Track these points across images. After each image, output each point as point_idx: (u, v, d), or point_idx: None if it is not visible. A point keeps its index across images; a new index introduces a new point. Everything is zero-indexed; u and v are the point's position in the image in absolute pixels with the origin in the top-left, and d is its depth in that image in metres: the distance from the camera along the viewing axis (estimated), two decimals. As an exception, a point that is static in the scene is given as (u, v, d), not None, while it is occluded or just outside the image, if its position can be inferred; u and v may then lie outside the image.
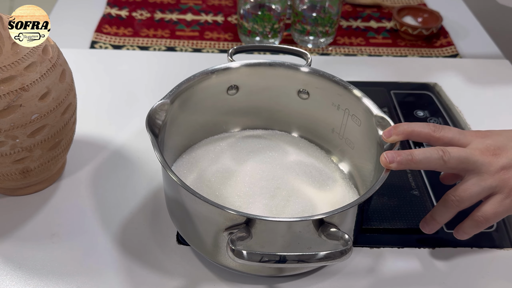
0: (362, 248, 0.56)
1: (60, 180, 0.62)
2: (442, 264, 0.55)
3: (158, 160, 0.47)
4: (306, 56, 0.60)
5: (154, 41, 0.96)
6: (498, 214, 0.50)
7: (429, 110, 0.77)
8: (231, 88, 0.60)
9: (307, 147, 0.63)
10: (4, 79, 0.48)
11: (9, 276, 0.51)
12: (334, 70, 0.62)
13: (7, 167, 0.53)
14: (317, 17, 0.90)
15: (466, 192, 0.49)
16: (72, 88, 0.57)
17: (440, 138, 0.51)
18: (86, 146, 0.67)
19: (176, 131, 0.57)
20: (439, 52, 0.97)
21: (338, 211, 0.44)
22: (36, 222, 0.57)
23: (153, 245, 0.55)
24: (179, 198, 0.48)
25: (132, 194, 0.61)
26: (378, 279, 0.53)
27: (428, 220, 0.53)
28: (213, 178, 0.55)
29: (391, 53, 0.96)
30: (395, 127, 0.51)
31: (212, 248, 0.49)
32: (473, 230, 0.51)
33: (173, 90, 0.54)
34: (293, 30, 0.95)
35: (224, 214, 0.44)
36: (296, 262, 0.42)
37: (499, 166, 0.49)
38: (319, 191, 0.57)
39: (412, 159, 0.48)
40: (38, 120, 0.51)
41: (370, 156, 0.55)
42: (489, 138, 0.51)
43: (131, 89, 0.79)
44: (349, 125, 0.59)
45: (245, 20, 0.91)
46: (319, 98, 0.60)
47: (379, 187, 0.47)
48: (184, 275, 0.52)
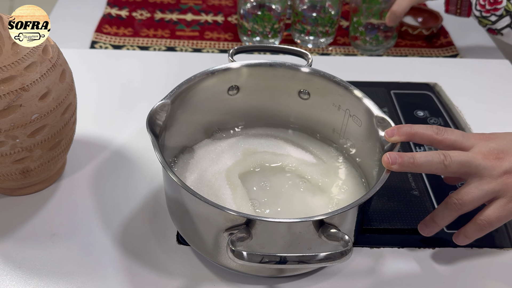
0: (362, 248, 0.56)
1: (60, 180, 0.62)
2: (442, 264, 0.55)
3: (159, 161, 0.46)
4: (307, 56, 0.60)
5: (154, 41, 0.96)
6: (502, 218, 0.50)
7: (429, 110, 0.77)
8: (232, 89, 0.60)
9: (307, 148, 0.63)
10: (4, 79, 0.48)
11: (9, 276, 0.51)
12: (334, 70, 0.62)
13: (7, 167, 0.53)
14: (317, 17, 0.90)
15: (468, 195, 0.49)
16: (72, 88, 0.57)
17: (442, 141, 0.51)
18: (86, 146, 0.67)
19: (176, 131, 0.57)
20: (439, 52, 0.97)
21: (338, 212, 0.44)
22: (36, 222, 0.57)
23: (153, 245, 0.55)
24: (180, 199, 0.48)
25: (132, 194, 0.61)
26: (378, 279, 0.53)
27: (428, 223, 0.53)
28: (214, 178, 0.55)
29: (391, 53, 0.96)
30: (398, 127, 0.51)
31: (212, 249, 0.49)
32: (476, 234, 0.51)
33: (173, 91, 0.54)
34: (293, 30, 0.95)
35: (224, 215, 0.44)
36: (296, 263, 0.42)
37: (503, 170, 0.49)
38: (319, 191, 0.57)
39: (414, 162, 0.48)
40: (38, 120, 0.51)
41: (371, 157, 0.55)
42: (493, 141, 0.51)
43: (131, 89, 0.79)
44: (350, 125, 0.59)
45: (245, 20, 0.91)
46: (320, 98, 0.60)
47: (380, 187, 0.47)
48: (184, 275, 0.52)
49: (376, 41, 0.91)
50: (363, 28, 0.90)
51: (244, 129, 0.65)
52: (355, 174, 0.59)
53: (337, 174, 0.59)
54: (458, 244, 0.53)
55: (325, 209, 0.54)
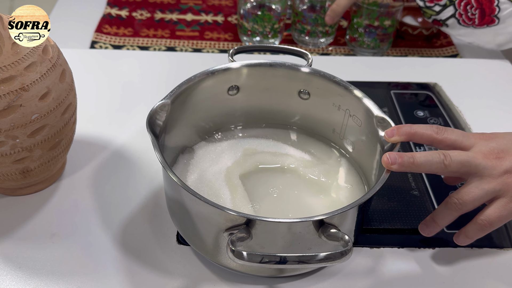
0: (362, 248, 0.56)
1: (60, 180, 0.62)
2: (442, 264, 0.55)
3: (159, 161, 0.46)
4: (307, 56, 0.60)
5: (154, 41, 0.96)
6: (502, 218, 0.50)
7: (429, 110, 0.77)
8: (232, 89, 0.60)
9: (307, 148, 0.63)
10: (4, 79, 0.48)
11: (9, 276, 0.51)
12: (334, 70, 0.62)
13: (7, 167, 0.53)
14: (317, 17, 0.90)
15: (469, 195, 0.49)
16: (72, 88, 0.57)
17: (442, 140, 0.50)
18: (86, 146, 0.67)
19: (176, 131, 0.57)
20: (439, 52, 0.97)
21: (338, 212, 0.44)
22: (36, 222, 0.57)
23: (153, 245, 0.55)
24: (180, 199, 0.48)
25: (132, 194, 0.61)
26: (378, 279, 0.53)
27: (428, 223, 0.53)
28: (214, 178, 0.55)
29: (391, 53, 0.96)
30: (398, 127, 0.51)
31: (212, 249, 0.49)
32: (477, 234, 0.51)
33: (173, 91, 0.54)
34: (293, 30, 0.95)
35: (224, 215, 0.44)
36: (296, 263, 0.42)
37: (503, 169, 0.49)
38: (320, 191, 0.57)
39: (414, 162, 0.48)
40: (38, 120, 0.51)
41: (371, 157, 0.55)
42: (493, 141, 0.51)
43: (131, 89, 0.79)
44: (350, 125, 0.59)
45: (245, 20, 0.91)
46: (320, 98, 0.60)
47: (380, 187, 0.47)
48: (184, 275, 0.52)
49: (374, 44, 0.91)
50: (362, 29, 0.90)
51: (244, 129, 0.65)
52: (355, 174, 0.59)
53: (337, 174, 0.60)
54: (458, 244, 0.53)
55: (325, 209, 0.54)
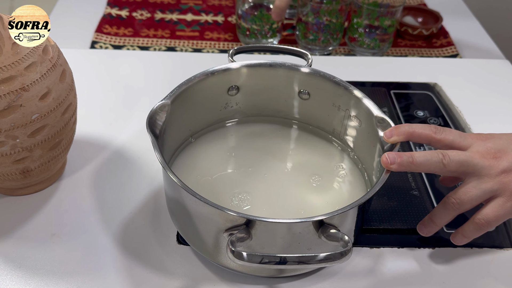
0: (362, 248, 0.56)
1: (60, 180, 0.62)
2: (442, 264, 0.55)
3: (159, 161, 0.47)
4: (307, 56, 0.60)
5: (154, 41, 0.96)
6: (500, 217, 0.50)
7: (429, 110, 0.77)
8: (232, 89, 0.60)
9: (307, 148, 0.63)
10: (4, 79, 0.48)
11: (9, 276, 0.51)
12: (334, 70, 0.62)
13: (7, 167, 0.53)
14: (327, 26, 0.89)
15: (466, 195, 0.49)
16: (72, 88, 0.57)
17: (440, 140, 0.51)
18: (86, 146, 0.67)
19: (176, 131, 0.57)
20: (439, 52, 0.97)
21: (338, 212, 0.44)
22: (36, 222, 0.57)
23: (153, 245, 0.55)
24: (180, 199, 0.48)
25: (132, 194, 0.61)
26: (378, 279, 0.53)
27: (426, 223, 0.53)
28: (214, 178, 0.55)
29: (391, 53, 0.96)
30: (396, 127, 0.51)
31: (212, 249, 0.49)
32: (474, 233, 0.51)
33: (173, 91, 0.54)
34: (300, 38, 0.93)
35: (224, 215, 0.44)
36: (296, 264, 0.42)
37: (500, 169, 0.49)
38: (320, 192, 0.57)
39: (413, 162, 0.48)
40: (38, 120, 0.51)
41: (371, 157, 0.55)
42: (490, 141, 0.51)
43: (132, 89, 0.79)
44: (350, 125, 0.59)
45: (243, 20, 0.91)
46: (320, 98, 0.60)
47: (380, 187, 0.47)
48: (184, 275, 0.52)
49: (374, 44, 0.91)
50: (362, 29, 0.90)
51: (244, 129, 0.65)
52: (355, 174, 0.60)
53: (337, 174, 0.60)
54: (456, 244, 0.53)
55: (325, 209, 0.54)
